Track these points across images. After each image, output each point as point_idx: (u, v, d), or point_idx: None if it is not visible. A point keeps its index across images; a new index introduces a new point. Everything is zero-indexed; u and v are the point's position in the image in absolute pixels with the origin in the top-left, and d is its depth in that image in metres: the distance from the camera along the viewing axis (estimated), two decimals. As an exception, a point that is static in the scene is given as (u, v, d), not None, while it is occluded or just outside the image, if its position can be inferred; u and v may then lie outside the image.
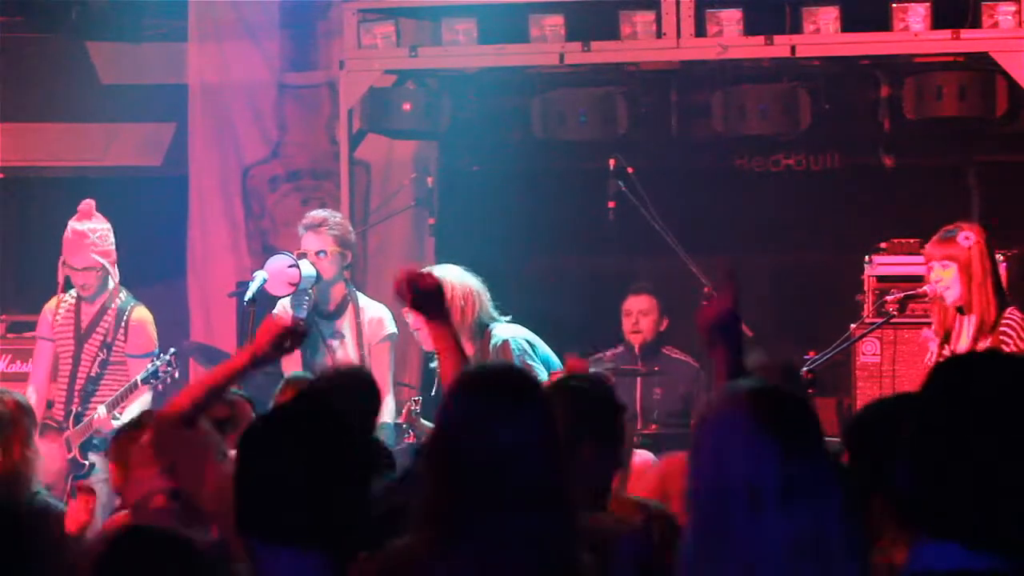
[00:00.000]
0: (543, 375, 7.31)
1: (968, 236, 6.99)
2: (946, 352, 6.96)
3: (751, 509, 2.81)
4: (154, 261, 10.23)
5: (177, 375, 8.12)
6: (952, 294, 6.96)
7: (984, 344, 6.85)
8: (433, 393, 7.34)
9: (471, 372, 3.39)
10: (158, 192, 10.54)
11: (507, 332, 7.50)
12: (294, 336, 4.44)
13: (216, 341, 9.66)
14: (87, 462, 8.18)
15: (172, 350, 8.15)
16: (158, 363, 8.08)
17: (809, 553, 2.81)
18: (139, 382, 8.09)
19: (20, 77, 10.60)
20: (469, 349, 7.55)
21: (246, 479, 3.07)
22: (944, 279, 6.98)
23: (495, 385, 3.29)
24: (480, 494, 3.15)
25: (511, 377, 3.35)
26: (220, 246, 10.59)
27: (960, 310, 6.98)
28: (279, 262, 7.89)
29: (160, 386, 8.10)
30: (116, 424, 7.78)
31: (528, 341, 7.47)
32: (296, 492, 3.00)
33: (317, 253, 7.99)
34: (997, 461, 2.51)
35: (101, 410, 8.19)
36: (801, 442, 2.88)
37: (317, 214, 8.21)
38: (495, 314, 7.58)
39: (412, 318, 7.21)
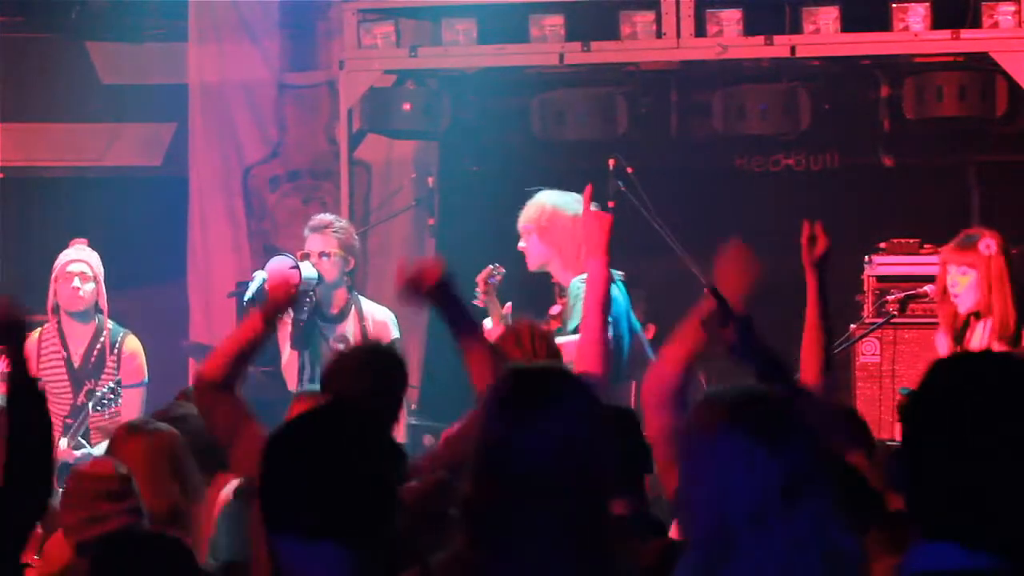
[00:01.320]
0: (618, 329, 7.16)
1: (989, 244, 6.99)
2: None
3: (754, 522, 2.81)
4: (154, 261, 10.24)
5: (117, 406, 8.10)
6: (967, 301, 6.97)
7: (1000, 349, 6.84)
8: None
9: (502, 376, 3.39)
10: (158, 192, 10.53)
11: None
12: (297, 295, 4.82)
13: (216, 341, 9.63)
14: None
15: (112, 382, 8.11)
16: (105, 390, 8.02)
17: (812, 548, 2.82)
18: (89, 408, 8.05)
19: (20, 77, 10.59)
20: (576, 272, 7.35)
21: (273, 475, 3.06)
22: (961, 284, 6.98)
23: (521, 389, 3.28)
24: (514, 499, 3.16)
25: (539, 380, 3.33)
26: (220, 246, 10.59)
27: (976, 314, 6.99)
28: (280, 263, 7.89)
29: (106, 414, 8.05)
30: (79, 454, 7.77)
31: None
32: (324, 486, 2.99)
33: (320, 255, 8.00)
34: (994, 460, 2.52)
35: (62, 442, 8.06)
36: (792, 444, 2.87)
37: (323, 217, 8.24)
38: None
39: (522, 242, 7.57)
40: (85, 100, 10.75)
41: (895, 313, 7.67)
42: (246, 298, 7.96)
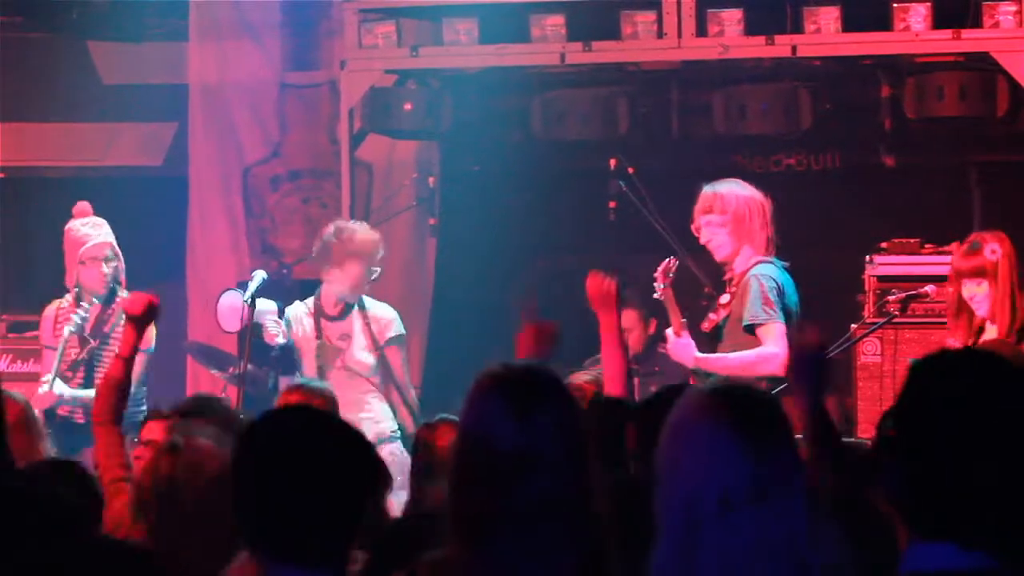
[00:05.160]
0: (778, 320, 7.10)
1: (995, 249, 7.00)
2: None
3: (721, 512, 2.81)
4: (154, 261, 10.22)
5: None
6: (985, 309, 7.00)
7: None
8: None
9: (486, 374, 3.31)
10: (158, 192, 10.53)
11: (762, 270, 7.28)
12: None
13: (216, 341, 9.64)
14: None
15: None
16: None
17: (781, 553, 2.82)
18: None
19: (20, 77, 10.59)
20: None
21: (251, 495, 3.02)
22: (978, 295, 7.00)
23: (506, 389, 3.22)
24: (494, 502, 3.12)
25: (526, 380, 3.26)
26: (220, 246, 10.59)
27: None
28: (231, 298, 8.12)
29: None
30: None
31: (777, 284, 7.22)
32: (304, 511, 2.95)
33: None
34: (990, 460, 2.51)
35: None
36: (771, 442, 2.89)
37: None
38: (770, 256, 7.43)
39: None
40: (86, 100, 10.75)
41: (896, 313, 7.66)
42: (245, 297, 7.98)
